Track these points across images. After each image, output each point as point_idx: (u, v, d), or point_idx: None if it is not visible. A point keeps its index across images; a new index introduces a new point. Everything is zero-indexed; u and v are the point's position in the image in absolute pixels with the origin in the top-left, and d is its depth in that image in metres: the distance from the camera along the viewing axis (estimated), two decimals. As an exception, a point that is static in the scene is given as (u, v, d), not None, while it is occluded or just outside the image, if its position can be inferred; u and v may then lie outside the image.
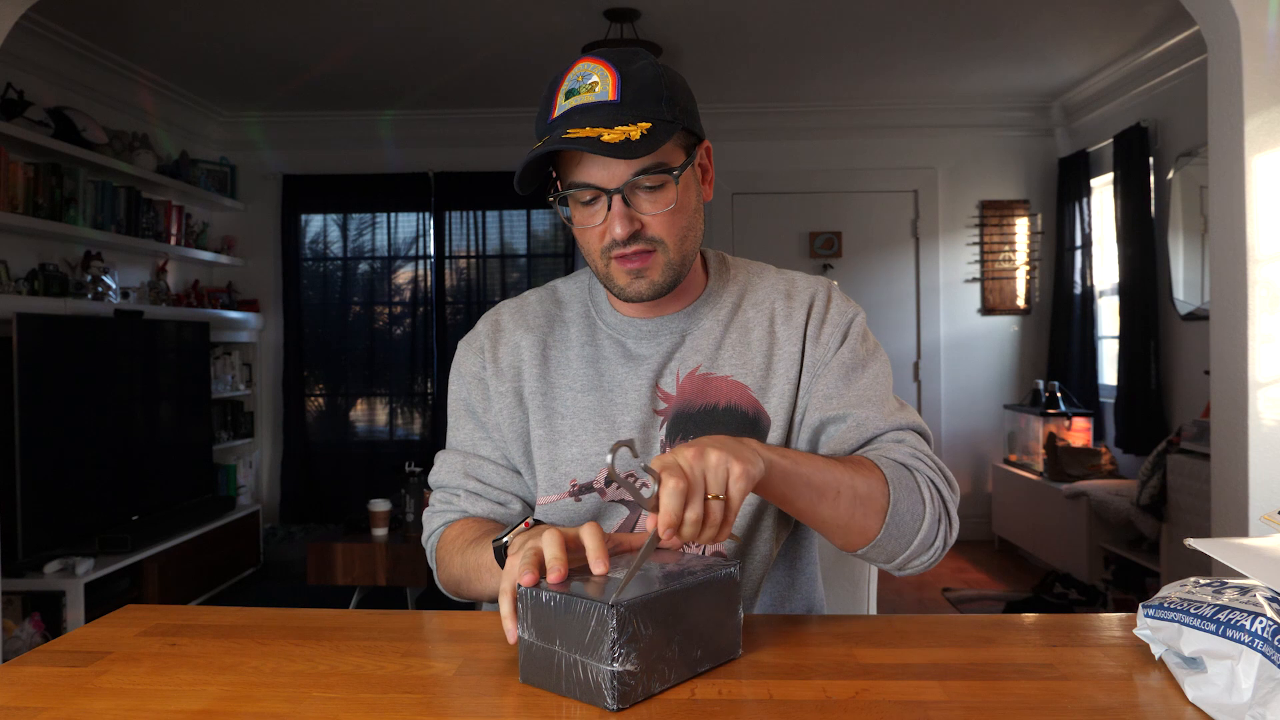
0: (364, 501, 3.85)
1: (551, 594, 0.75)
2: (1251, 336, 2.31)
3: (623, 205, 0.99)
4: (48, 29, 3.81)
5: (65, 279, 3.86)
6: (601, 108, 0.96)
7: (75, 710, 0.74)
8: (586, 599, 0.72)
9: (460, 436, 1.17)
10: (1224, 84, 2.39)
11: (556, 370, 1.13)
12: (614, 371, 1.11)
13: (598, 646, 0.71)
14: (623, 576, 0.76)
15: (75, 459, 3.59)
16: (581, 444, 1.09)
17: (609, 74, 0.98)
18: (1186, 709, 0.72)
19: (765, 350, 1.11)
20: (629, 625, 0.71)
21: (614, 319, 1.13)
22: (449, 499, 1.15)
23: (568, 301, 1.17)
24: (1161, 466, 3.60)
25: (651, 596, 0.74)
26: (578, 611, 0.73)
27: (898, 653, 0.87)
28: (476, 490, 1.13)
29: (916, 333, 5.35)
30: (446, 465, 1.16)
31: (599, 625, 0.71)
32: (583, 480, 1.09)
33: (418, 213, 5.39)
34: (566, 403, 1.11)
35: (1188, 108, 3.95)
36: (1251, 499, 2.29)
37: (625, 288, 1.04)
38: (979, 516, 5.32)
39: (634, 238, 1.00)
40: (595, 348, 1.13)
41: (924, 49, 4.30)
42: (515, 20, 3.86)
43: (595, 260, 1.05)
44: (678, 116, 0.99)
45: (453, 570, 1.07)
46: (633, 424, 1.08)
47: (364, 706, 0.74)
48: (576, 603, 0.73)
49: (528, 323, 1.16)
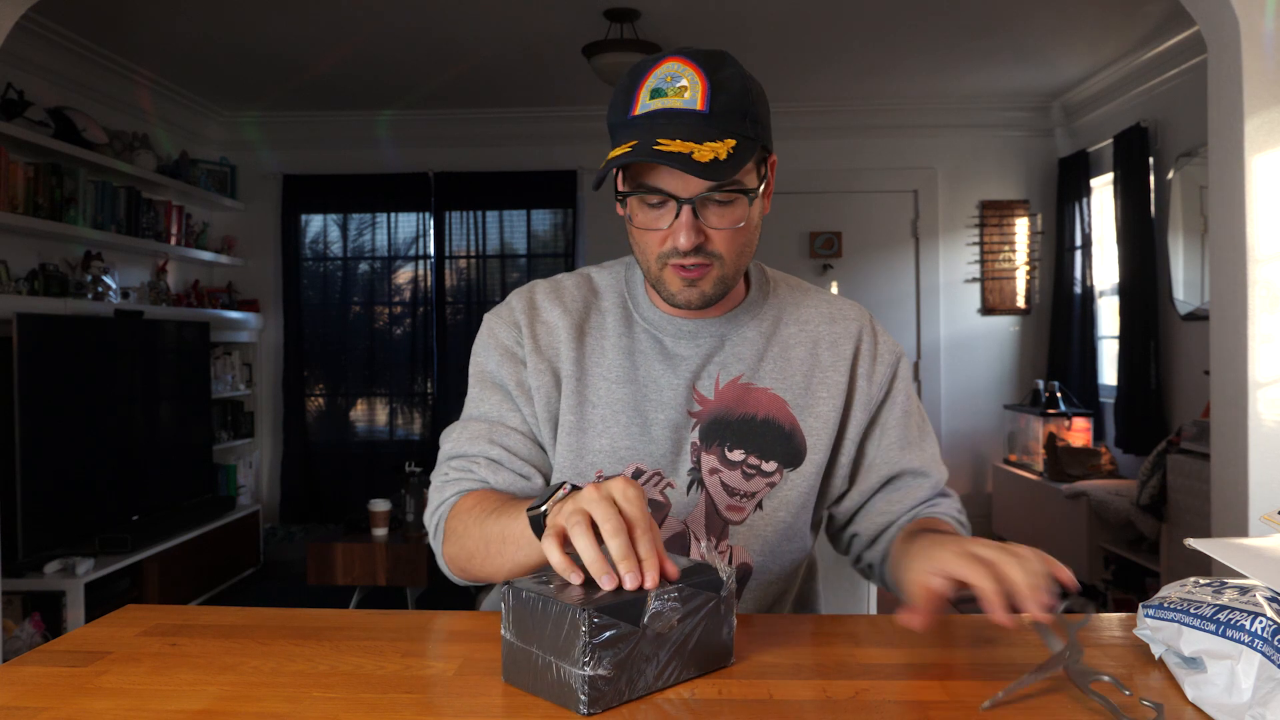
0: (364, 501, 3.85)
1: (532, 593, 0.74)
2: (1251, 336, 2.31)
3: (692, 216, 0.97)
4: (48, 29, 3.81)
5: (65, 279, 3.86)
6: (690, 116, 0.94)
7: (75, 710, 0.74)
8: (561, 602, 0.72)
9: (485, 407, 1.11)
10: (1224, 84, 2.39)
11: (591, 357, 1.10)
12: (650, 367, 1.09)
13: (570, 649, 0.71)
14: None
15: (75, 459, 3.59)
16: (612, 436, 1.07)
17: (699, 80, 0.95)
18: (1186, 709, 0.72)
19: (806, 370, 1.11)
20: (603, 630, 0.70)
21: (652, 314, 1.11)
22: (467, 467, 1.08)
23: (603, 291, 1.15)
24: (1161, 466, 3.60)
25: (628, 600, 0.73)
26: (553, 613, 0.72)
27: (898, 653, 0.86)
28: (499, 458, 1.08)
29: (916, 333, 5.35)
30: (467, 432, 1.10)
31: (571, 628, 0.70)
32: (609, 473, 1.06)
33: (418, 213, 5.39)
34: (600, 392, 1.08)
35: (1188, 108, 3.95)
36: (1251, 499, 2.29)
37: (676, 294, 1.03)
38: (979, 516, 5.32)
39: (696, 250, 0.99)
40: (631, 340, 1.11)
41: (924, 49, 4.30)
42: (515, 20, 3.86)
43: (650, 261, 1.03)
44: (759, 134, 0.98)
45: (467, 542, 1.00)
46: (665, 423, 1.07)
47: (364, 706, 0.74)
48: (552, 604, 0.72)
49: (564, 304, 1.13)
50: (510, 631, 0.76)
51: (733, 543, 1.09)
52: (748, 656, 0.84)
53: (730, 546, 1.08)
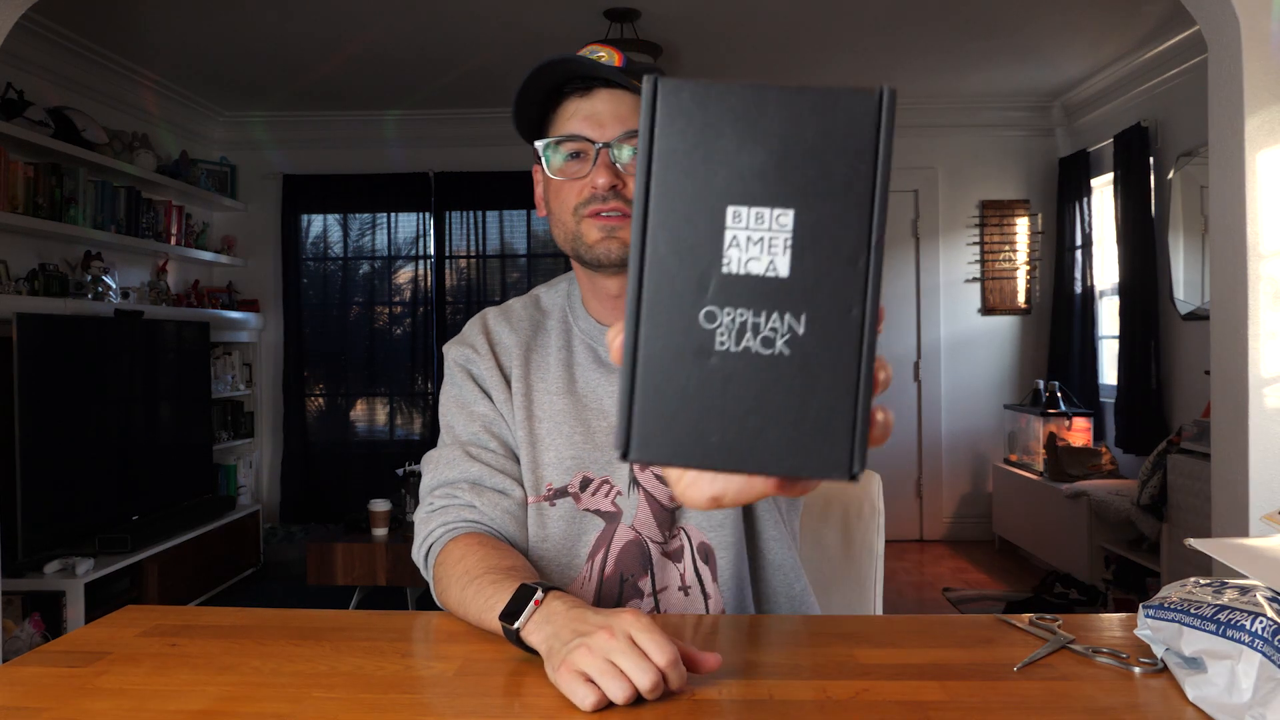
0: (364, 501, 3.85)
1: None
2: (1253, 334, 2.30)
3: (608, 158, 1.01)
4: (48, 29, 3.81)
5: (65, 279, 3.86)
6: (606, 68, 1.01)
7: (75, 710, 0.74)
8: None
9: (458, 429, 1.15)
10: (1224, 82, 2.39)
11: (536, 373, 1.13)
12: (587, 377, 1.12)
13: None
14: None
15: (75, 459, 3.59)
16: (558, 447, 1.09)
17: (615, 54, 1.03)
18: (1186, 709, 0.72)
19: None
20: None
21: (587, 324, 1.14)
22: (451, 494, 1.10)
23: (549, 309, 1.19)
24: (1162, 466, 3.60)
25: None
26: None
27: (898, 653, 0.86)
28: (479, 477, 1.09)
29: (916, 333, 5.35)
30: (445, 456, 1.12)
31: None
32: (558, 485, 1.08)
33: (418, 213, 5.39)
34: (544, 406, 1.11)
35: (1188, 108, 3.95)
36: (1251, 499, 2.28)
37: (594, 245, 1.03)
38: (979, 516, 5.32)
39: (614, 193, 1.01)
40: (570, 352, 1.14)
41: (924, 49, 4.30)
42: (515, 20, 3.86)
43: (568, 220, 1.05)
44: None
45: (449, 600, 1.01)
46: (607, 429, 1.09)
47: (364, 706, 0.74)
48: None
49: (513, 325, 1.17)
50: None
51: (684, 524, 1.09)
52: (748, 656, 0.84)
53: (683, 529, 1.09)
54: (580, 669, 0.75)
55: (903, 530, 5.33)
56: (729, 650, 0.87)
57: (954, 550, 5.15)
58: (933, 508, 5.37)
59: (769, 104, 0.38)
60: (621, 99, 1.03)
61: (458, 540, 1.05)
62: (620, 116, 1.02)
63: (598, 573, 1.07)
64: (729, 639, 0.92)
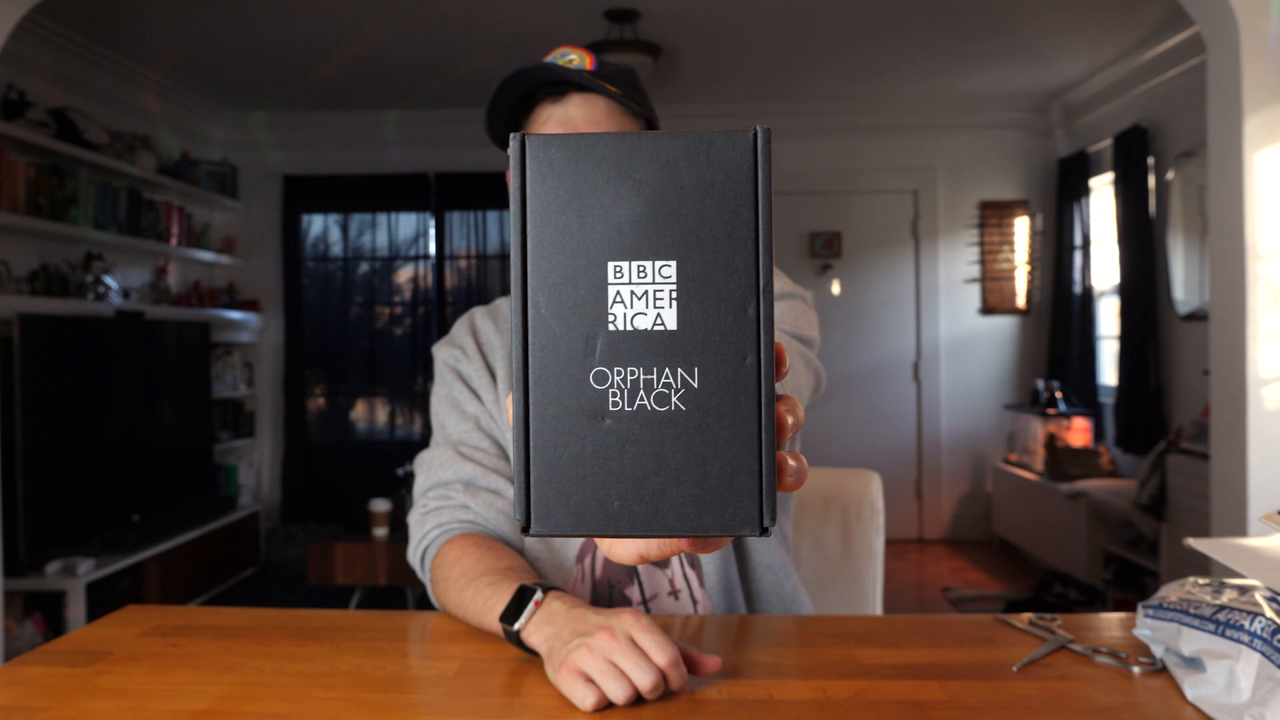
0: (364, 501, 3.85)
1: None
2: (1252, 335, 2.31)
3: None
4: (49, 29, 3.82)
5: (66, 279, 3.86)
6: (578, 73, 1.04)
7: (76, 710, 0.74)
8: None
9: (450, 428, 1.14)
10: (1224, 82, 2.39)
11: None
12: None
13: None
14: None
15: (76, 459, 3.60)
16: None
17: (587, 57, 1.05)
18: (1185, 709, 0.72)
19: None
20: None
21: None
22: (445, 495, 1.10)
23: None
24: (1161, 466, 3.60)
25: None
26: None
27: (898, 653, 0.87)
28: (472, 477, 1.09)
29: (916, 333, 5.35)
30: (437, 460, 1.12)
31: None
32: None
33: (418, 213, 5.39)
34: None
35: (1187, 108, 3.95)
36: (1251, 499, 2.29)
37: None
38: (979, 516, 5.32)
39: None
40: None
41: (924, 49, 4.30)
42: (515, 21, 3.86)
43: None
44: (645, 108, 1.08)
45: (447, 602, 1.01)
46: None
47: (364, 706, 0.74)
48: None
49: (499, 324, 1.18)
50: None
51: None
52: (748, 656, 0.84)
53: None
54: (580, 669, 0.76)
55: (902, 530, 5.34)
56: (728, 651, 0.88)
57: (953, 550, 5.15)
58: (932, 508, 5.38)
59: (641, 153, 0.38)
60: (595, 103, 1.05)
61: (453, 541, 1.06)
62: (594, 120, 1.04)
63: (589, 575, 1.08)
64: (729, 639, 0.92)
